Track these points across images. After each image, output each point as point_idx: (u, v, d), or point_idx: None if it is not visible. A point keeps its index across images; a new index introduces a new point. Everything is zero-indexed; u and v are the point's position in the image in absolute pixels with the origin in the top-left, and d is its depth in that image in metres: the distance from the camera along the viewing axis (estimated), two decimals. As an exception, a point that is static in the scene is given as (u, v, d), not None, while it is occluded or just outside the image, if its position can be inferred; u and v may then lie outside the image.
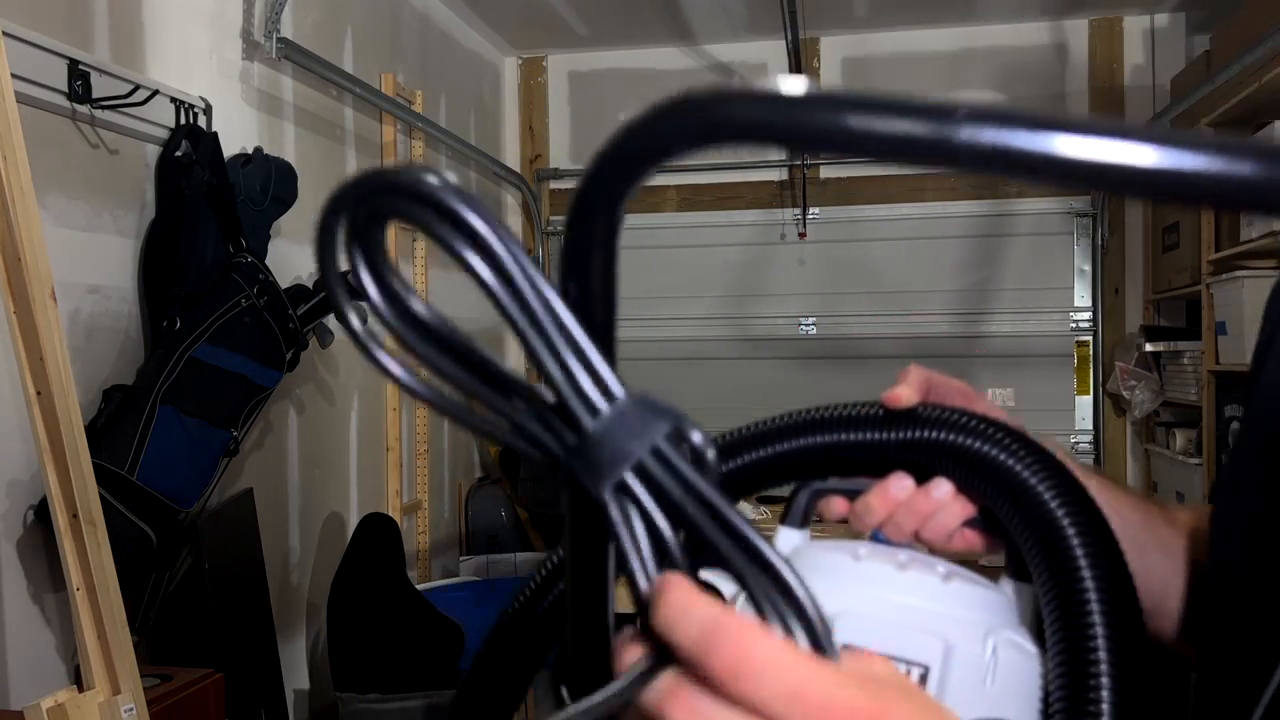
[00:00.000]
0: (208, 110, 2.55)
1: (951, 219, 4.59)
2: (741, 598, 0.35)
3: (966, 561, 0.60)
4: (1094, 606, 0.53)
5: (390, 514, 3.51)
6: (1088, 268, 4.52)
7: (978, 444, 0.58)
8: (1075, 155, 0.30)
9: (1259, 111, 3.30)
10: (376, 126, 3.57)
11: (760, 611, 0.33)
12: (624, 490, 0.34)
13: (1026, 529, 0.57)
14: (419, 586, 3.31)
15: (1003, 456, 0.58)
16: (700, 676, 0.32)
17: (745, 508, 3.49)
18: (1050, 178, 0.30)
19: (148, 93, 2.29)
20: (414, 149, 3.86)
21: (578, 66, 4.92)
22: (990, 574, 0.60)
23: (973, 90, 4.59)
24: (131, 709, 1.74)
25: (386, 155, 3.60)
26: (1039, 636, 0.56)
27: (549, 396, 0.36)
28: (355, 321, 0.36)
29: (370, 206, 0.38)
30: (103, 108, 2.20)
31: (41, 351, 1.71)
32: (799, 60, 4.14)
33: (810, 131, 0.32)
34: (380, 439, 3.57)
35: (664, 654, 0.33)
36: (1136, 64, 4.47)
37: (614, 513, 0.34)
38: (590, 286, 0.41)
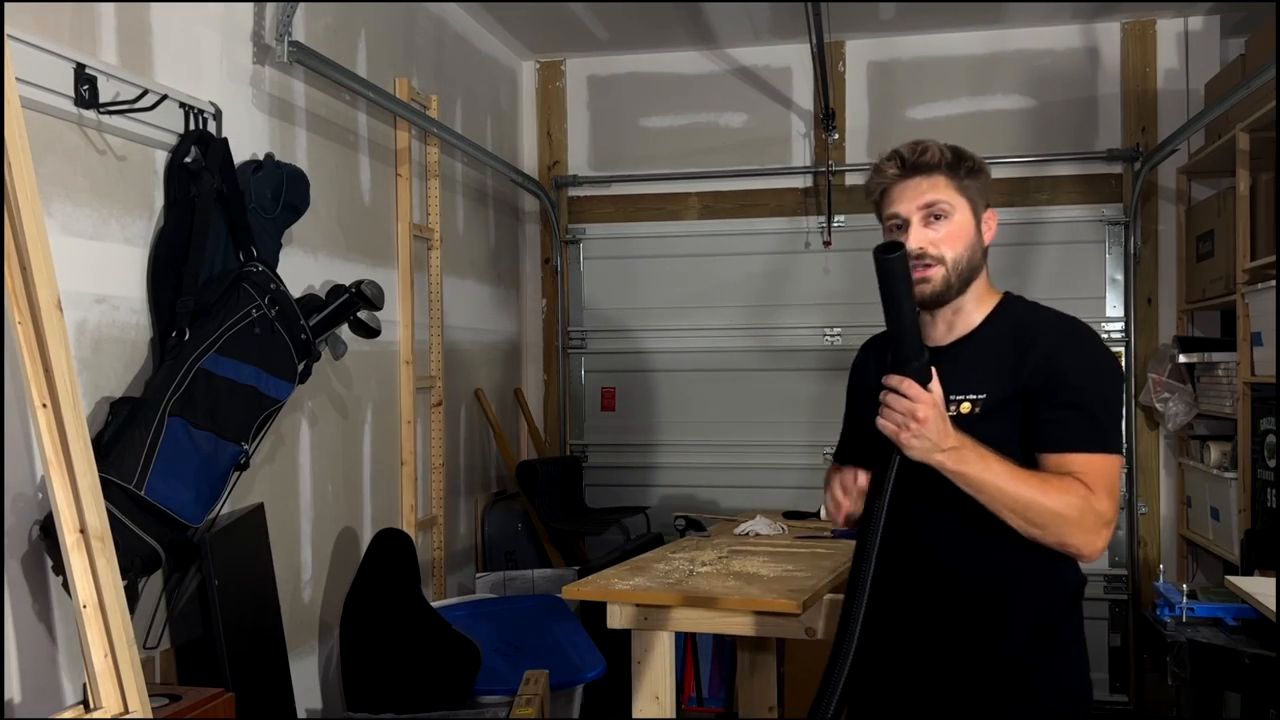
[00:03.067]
0: (217, 115, 2.51)
1: (980, 226, 4.50)
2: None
3: None
4: None
5: (405, 529, 3.45)
6: (1120, 277, 4.43)
7: None
8: None
9: (1298, 116, 3.21)
10: (391, 132, 3.52)
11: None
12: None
13: None
14: (434, 604, 3.26)
15: None
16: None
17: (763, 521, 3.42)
18: None
19: (156, 97, 2.24)
20: (429, 155, 3.81)
21: (597, 70, 4.87)
22: None
23: (1002, 94, 4.51)
24: (137, 732, 1.71)
25: (400, 161, 3.55)
26: None
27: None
28: None
29: None
30: (110, 112, 2.16)
31: (48, 362, 1.70)
32: (823, 64, 4.07)
33: None
34: (395, 452, 3.52)
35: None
36: (1170, 68, 4.38)
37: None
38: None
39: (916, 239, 1.68)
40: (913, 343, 1.57)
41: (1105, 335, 4.44)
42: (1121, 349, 4.43)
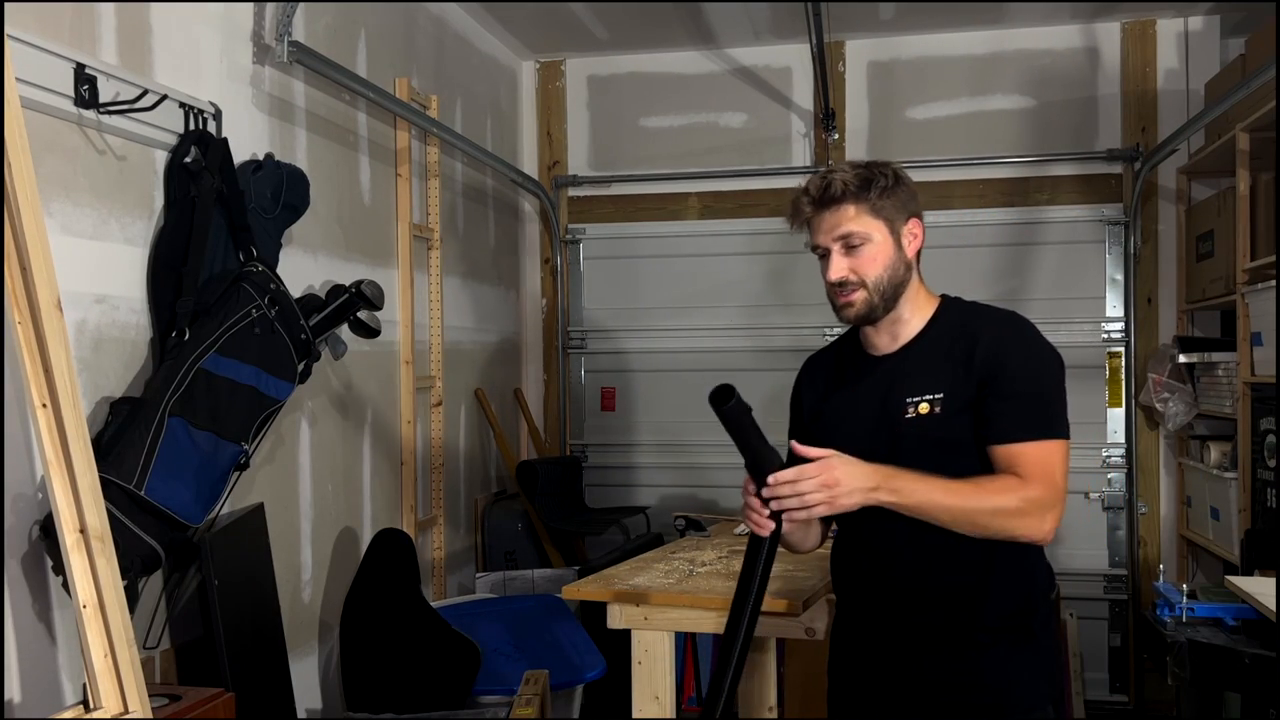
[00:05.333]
0: (217, 115, 2.50)
1: (980, 227, 4.50)
2: None
3: None
4: None
5: (405, 529, 3.45)
6: (1120, 276, 4.43)
7: None
8: None
9: (1298, 116, 3.21)
10: (391, 132, 3.51)
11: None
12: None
13: None
14: (434, 604, 3.25)
15: None
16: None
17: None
18: None
19: (156, 97, 2.24)
20: (429, 155, 3.81)
21: (597, 70, 4.86)
22: None
23: (1002, 94, 4.51)
24: (137, 732, 1.71)
25: (400, 161, 3.55)
26: None
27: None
28: None
29: None
30: (110, 112, 2.15)
31: (48, 363, 1.69)
32: (823, 64, 4.07)
33: None
34: (395, 452, 3.51)
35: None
36: (1170, 68, 4.38)
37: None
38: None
39: (836, 269, 1.77)
40: (766, 455, 1.67)
41: (1105, 335, 4.44)
42: (1121, 349, 4.44)
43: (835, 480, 1.61)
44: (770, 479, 1.64)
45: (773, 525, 1.69)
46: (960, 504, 1.66)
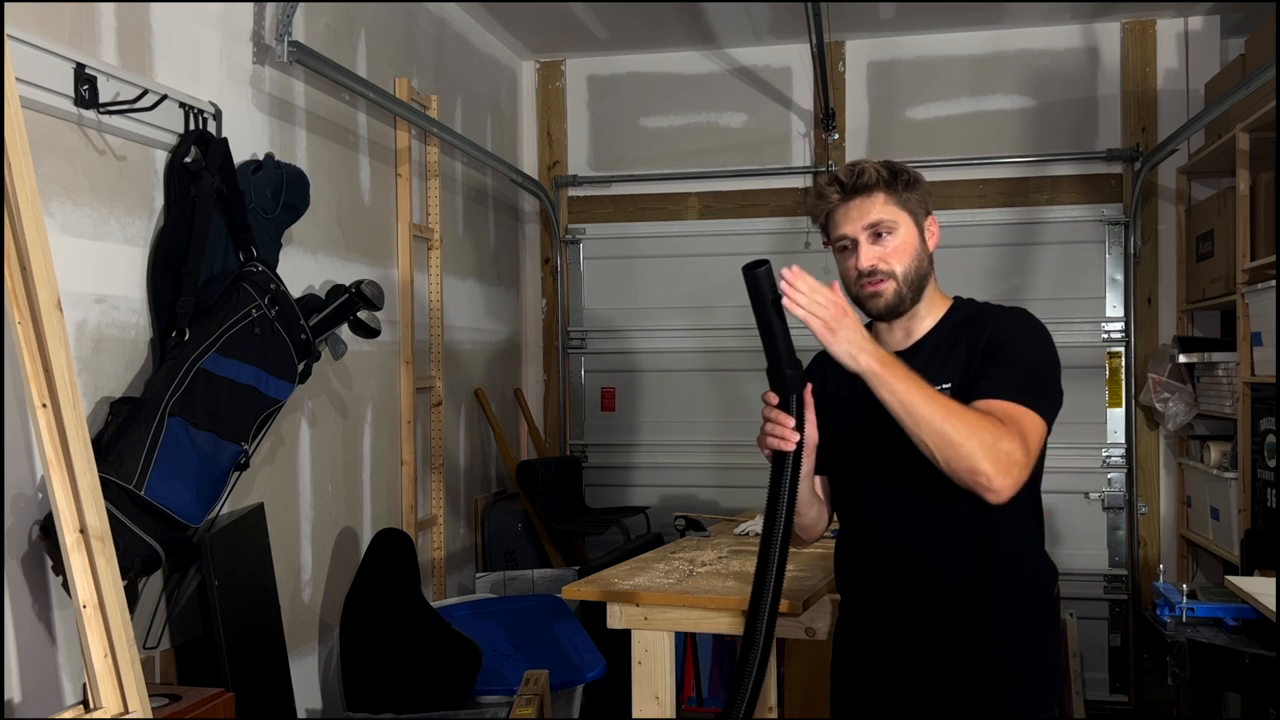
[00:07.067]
0: (217, 115, 2.50)
1: (980, 227, 4.50)
2: None
3: None
4: None
5: (405, 529, 3.45)
6: (1120, 277, 4.43)
7: None
8: None
9: (1298, 116, 3.21)
10: (391, 132, 3.51)
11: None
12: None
13: None
14: (434, 604, 3.25)
15: None
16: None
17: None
18: None
19: (156, 97, 2.24)
20: (429, 155, 3.81)
21: (597, 70, 4.86)
22: None
23: (1002, 94, 4.51)
24: (137, 733, 1.71)
25: (400, 161, 3.55)
26: None
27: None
28: None
29: None
30: (110, 112, 2.16)
31: (48, 363, 1.69)
32: (823, 64, 4.07)
33: None
34: (395, 452, 3.51)
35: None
36: (1170, 68, 4.38)
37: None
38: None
39: (866, 257, 1.76)
40: (786, 353, 1.65)
41: (1105, 335, 4.44)
42: (1121, 349, 4.43)
43: (845, 313, 1.60)
44: (790, 270, 1.59)
45: (798, 437, 1.67)
46: (940, 410, 1.59)
